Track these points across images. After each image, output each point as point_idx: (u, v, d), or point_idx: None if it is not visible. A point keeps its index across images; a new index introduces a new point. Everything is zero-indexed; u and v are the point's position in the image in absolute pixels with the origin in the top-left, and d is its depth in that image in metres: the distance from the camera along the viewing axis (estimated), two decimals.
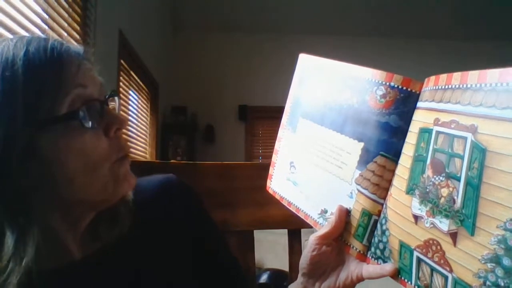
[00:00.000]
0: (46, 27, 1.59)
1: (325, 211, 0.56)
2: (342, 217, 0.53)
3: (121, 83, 2.74)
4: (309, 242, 0.55)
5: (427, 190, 0.41)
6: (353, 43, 4.44)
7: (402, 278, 0.45)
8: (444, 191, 0.39)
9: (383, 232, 0.48)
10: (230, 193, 0.83)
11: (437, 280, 0.40)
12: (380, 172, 0.49)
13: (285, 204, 0.63)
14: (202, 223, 0.64)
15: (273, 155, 0.68)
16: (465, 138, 0.37)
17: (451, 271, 0.38)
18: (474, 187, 0.36)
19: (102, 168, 0.47)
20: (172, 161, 1.86)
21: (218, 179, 0.84)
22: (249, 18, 4.28)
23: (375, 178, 0.49)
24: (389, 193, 0.48)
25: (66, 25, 1.77)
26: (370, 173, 0.50)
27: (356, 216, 0.51)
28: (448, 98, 0.40)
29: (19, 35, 0.49)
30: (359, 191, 0.51)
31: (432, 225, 0.40)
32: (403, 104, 0.48)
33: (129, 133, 3.05)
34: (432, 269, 0.40)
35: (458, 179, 0.38)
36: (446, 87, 0.41)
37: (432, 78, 0.44)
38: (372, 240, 0.49)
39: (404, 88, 0.48)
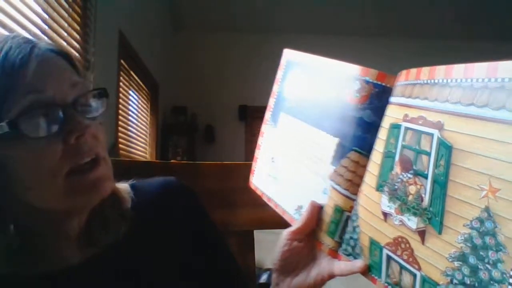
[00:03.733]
0: (46, 27, 1.59)
1: (301, 207, 0.56)
2: (314, 213, 0.52)
3: (121, 83, 2.74)
4: (281, 238, 0.54)
5: (396, 187, 0.41)
6: (356, 43, 4.41)
7: (373, 275, 0.44)
8: (412, 189, 0.39)
9: (354, 229, 0.47)
10: (230, 193, 0.83)
11: (406, 278, 0.39)
12: (353, 168, 0.49)
13: (265, 199, 0.63)
14: (202, 225, 0.63)
15: (256, 150, 0.67)
16: (431, 135, 0.37)
17: (419, 269, 0.38)
18: (441, 185, 0.35)
19: (54, 179, 0.44)
20: (172, 161, 1.84)
21: (218, 179, 0.84)
22: (249, 18, 4.28)
23: (348, 174, 0.49)
24: (360, 189, 0.47)
25: (66, 25, 1.76)
26: (344, 169, 0.50)
27: (329, 212, 0.51)
28: (417, 94, 0.39)
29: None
30: (332, 187, 0.51)
31: (400, 223, 0.40)
32: (377, 99, 0.48)
33: (129, 133, 3.05)
34: (402, 267, 0.40)
35: (426, 177, 0.37)
36: (416, 82, 0.40)
37: (404, 72, 0.43)
38: (344, 237, 0.49)
39: (379, 82, 0.48)
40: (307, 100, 0.58)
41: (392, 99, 0.44)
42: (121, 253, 0.53)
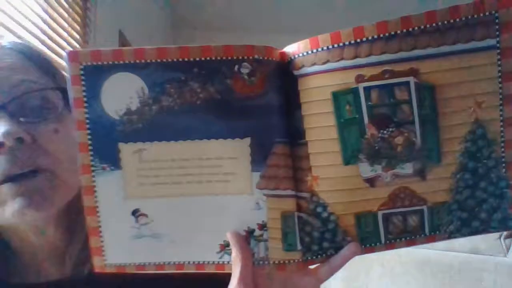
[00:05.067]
0: (46, 27, 1.58)
1: (227, 244, 0.42)
2: (241, 241, 0.41)
3: None
4: None
5: (376, 148, 0.40)
6: None
7: (368, 246, 0.43)
8: (399, 139, 0.40)
9: (325, 221, 0.42)
10: None
11: (411, 220, 0.42)
12: (284, 162, 0.41)
13: (152, 270, 0.42)
14: None
15: (88, 219, 0.41)
16: (407, 83, 0.38)
17: (425, 203, 0.41)
18: (431, 122, 0.39)
19: None
20: None
21: None
22: (249, 18, 3.98)
23: (282, 171, 0.41)
24: (308, 178, 0.42)
25: (66, 25, 1.77)
26: (274, 169, 0.41)
27: (276, 225, 0.42)
28: (367, 52, 0.38)
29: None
30: (267, 196, 0.41)
31: (394, 177, 0.41)
32: (276, 78, 0.41)
33: None
34: (405, 214, 0.42)
35: (412, 122, 0.39)
36: (355, 42, 0.38)
37: (315, 39, 0.40)
38: (307, 239, 0.42)
39: (270, 58, 0.41)
40: (161, 111, 0.39)
41: (314, 68, 0.40)
42: None
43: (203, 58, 0.39)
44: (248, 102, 0.40)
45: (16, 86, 0.45)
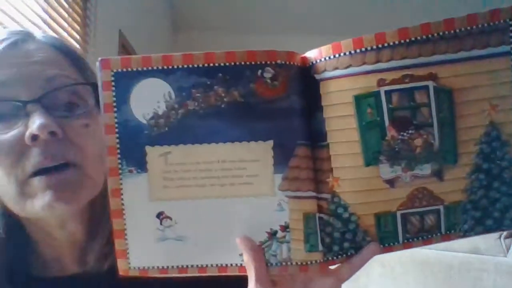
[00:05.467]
0: (46, 27, 1.58)
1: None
2: (251, 244, 0.42)
3: None
4: None
5: (396, 150, 0.41)
6: None
7: (386, 245, 0.44)
8: (418, 141, 0.41)
9: (346, 222, 0.43)
10: None
11: (428, 220, 0.43)
12: (306, 164, 0.42)
13: (175, 273, 0.42)
14: None
15: (114, 222, 0.41)
16: (426, 87, 0.40)
17: (442, 203, 0.43)
18: (449, 124, 0.41)
19: (9, 183, 0.44)
20: None
21: None
22: (250, 18, 3.95)
23: (304, 173, 0.42)
24: (329, 180, 0.43)
25: (66, 25, 1.77)
26: (296, 170, 0.42)
27: (298, 227, 0.42)
28: (388, 57, 0.40)
29: None
30: (289, 197, 0.42)
31: (412, 178, 0.42)
32: (298, 81, 0.42)
33: None
34: (422, 214, 0.43)
35: (431, 125, 0.41)
36: (378, 47, 0.40)
37: (338, 44, 0.41)
38: (327, 240, 0.43)
39: (292, 63, 0.42)
40: (187, 114, 0.40)
41: (335, 72, 0.41)
42: None
43: (227, 63, 0.40)
44: (271, 106, 0.41)
45: (50, 80, 0.45)
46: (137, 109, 0.40)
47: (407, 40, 0.39)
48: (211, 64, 0.40)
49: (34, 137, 0.43)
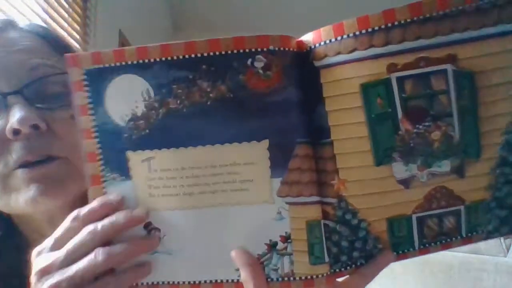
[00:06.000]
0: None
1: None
2: (250, 259, 0.37)
3: None
4: None
5: (411, 145, 0.36)
6: None
7: (401, 252, 0.39)
8: (436, 135, 0.36)
9: (355, 229, 0.37)
10: None
11: (447, 222, 0.38)
12: (308, 165, 0.37)
13: None
14: None
15: None
16: (444, 71, 0.34)
17: (462, 203, 0.38)
18: (471, 113, 0.35)
19: None
20: None
21: None
22: (250, 18, 3.61)
23: (305, 176, 0.37)
24: (334, 182, 0.37)
25: (66, 25, 1.72)
26: (297, 173, 0.36)
27: (301, 237, 0.37)
28: (400, 37, 0.34)
29: None
30: (290, 204, 0.36)
31: (430, 176, 0.37)
32: (295, 70, 0.36)
33: None
34: (441, 216, 0.38)
35: (450, 114, 0.35)
36: (387, 26, 0.34)
37: (340, 25, 0.35)
38: (334, 250, 0.38)
39: (287, 49, 0.36)
40: (170, 114, 0.35)
41: (338, 58, 0.35)
42: None
43: (211, 53, 0.35)
44: (264, 100, 0.35)
45: (33, 70, 0.43)
46: (114, 111, 0.36)
47: (421, 17, 0.34)
48: (193, 55, 0.35)
49: (16, 131, 0.41)
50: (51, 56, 0.46)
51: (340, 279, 0.39)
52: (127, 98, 0.36)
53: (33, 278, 0.36)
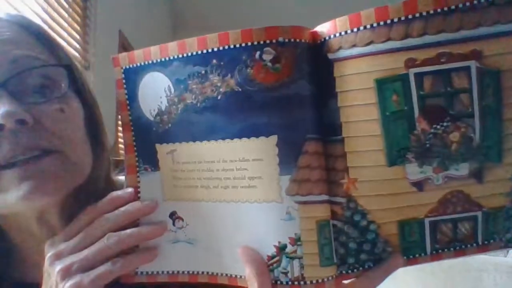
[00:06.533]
0: (46, 27, 1.29)
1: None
2: (254, 257, 0.36)
3: None
4: None
5: (427, 146, 0.34)
6: None
7: (411, 257, 0.37)
8: (455, 136, 0.33)
9: (364, 230, 0.36)
10: None
11: (462, 228, 0.36)
12: (318, 162, 0.35)
13: (185, 279, 0.39)
14: None
15: None
16: (467, 68, 0.32)
17: (480, 209, 0.35)
18: (494, 114, 0.33)
19: None
20: None
21: None
22: (250, 18, 3.33)
23: (315, 173, 0.35)
24: (344, 181, 0.35)
25: (66, 25, 1.73)
26: (306, 170, 0.35)
27: (311, 238, 0.35)
28: (420, 30, 0.31)
29: None
30: (299, 203, 0.35)
31: (446, 179, 0.34)
32: (306, 62, 0.34)
33: None
34: (456, 221, 0.36)
35: (471, 115, 0.33)
36: (407, 18, 0.31)
37: (357, 16, 0.33)
38: (341, 251, 0.37)
39: (299, 40, 0.34)
40: (184, 109, 0.36)
41: (352, 51, 0.33)
42: None
43: (221, 48, 0.34)
44: (273, 94, 0.34)
45: (15, 62, 0.41)
46: (145, 106, 0.39)
47: (445, 9, 0.31)
48: (205, 50, 0.35)
49: (0, 127, 0.38)
50: (34, 47, 0.43)
51: (346, 281, 0.38)
52: (153, 94, 0.38)
53: (46, 262, 0.38)
